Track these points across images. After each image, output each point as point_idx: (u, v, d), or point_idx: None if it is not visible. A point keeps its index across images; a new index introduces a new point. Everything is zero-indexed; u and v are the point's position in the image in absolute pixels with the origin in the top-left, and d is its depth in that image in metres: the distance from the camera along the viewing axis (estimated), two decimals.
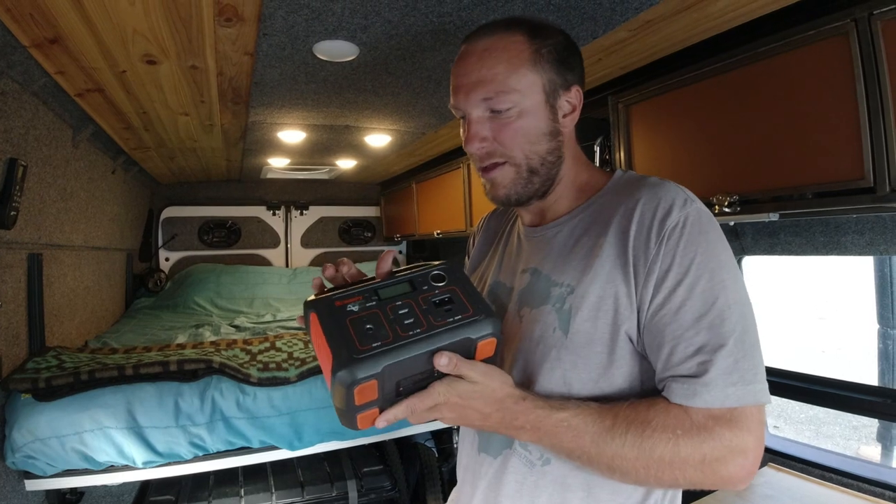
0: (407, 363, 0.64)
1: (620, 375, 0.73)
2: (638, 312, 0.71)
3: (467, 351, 0.67)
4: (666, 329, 0.69)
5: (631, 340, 0.72)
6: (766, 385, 0.67)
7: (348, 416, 0.65)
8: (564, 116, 0.82)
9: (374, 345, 0.63)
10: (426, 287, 0.70)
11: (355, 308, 0.66)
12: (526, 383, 0.77)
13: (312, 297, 0.70)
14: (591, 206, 0.82)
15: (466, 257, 1.10)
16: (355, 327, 0.64)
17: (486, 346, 0.68)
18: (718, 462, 0.64)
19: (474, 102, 0.79)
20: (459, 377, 0.67)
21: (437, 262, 0.75)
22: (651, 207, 0.72)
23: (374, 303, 0.67)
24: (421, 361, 0.65)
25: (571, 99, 0.83)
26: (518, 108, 0.78)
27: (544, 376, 0.76)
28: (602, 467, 0.68)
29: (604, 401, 0.71)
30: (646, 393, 0.72)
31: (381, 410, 0.67)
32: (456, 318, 0.67)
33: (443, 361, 0.65)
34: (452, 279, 0.71)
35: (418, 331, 0.65)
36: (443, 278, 0.71)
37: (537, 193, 0.84)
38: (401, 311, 0.66)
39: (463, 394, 0.67)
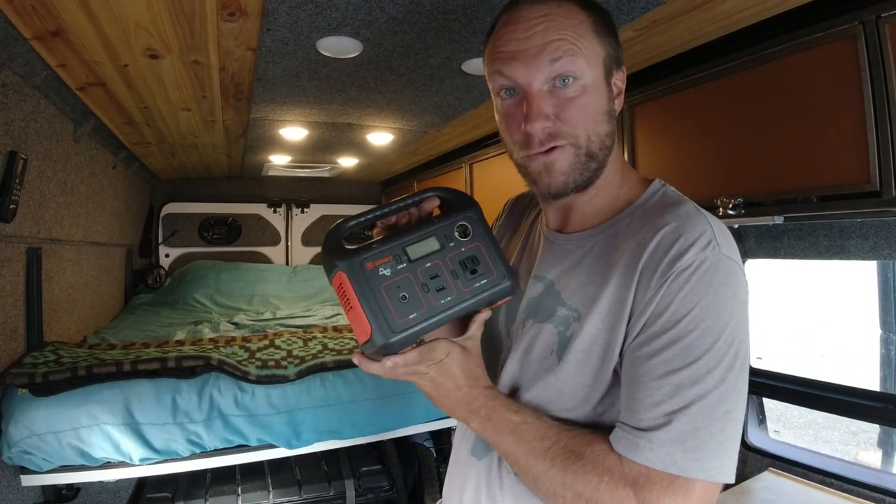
0: (436, 327, 0.68)
1: (600, 408, 0.71)
2: (623, 346, 0.68)
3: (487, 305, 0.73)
4: (635, 371, 0.65)
5: (617, 374, 0.69)
6: (729, 463, 0.61)
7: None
8: (617, 96, 0.76)
9: (411, 316, 0.65)
10: (452, 244, 0.71)
11: (387, 272, 0.67)
12: (513, 393, 0.78)
13: (336, 250, 0.68)
14: (617, 223, 0.75)
15: None
16: (390, 295, 0.66)
17: (502, 302, 0.75)
18: None
19: (539, 69, 0.69)
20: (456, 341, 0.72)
21: (459, 205, 0.76)
22: (669, 241, 0.65)
23: (404, 265, 0.68)
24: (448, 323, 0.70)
25: (620, 81, 0.76)
26: (582, 81, 0.70)
27: (531, 393, 0.75)
28: (529, 481, 0.69)
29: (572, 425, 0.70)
30: None
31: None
32: (482, 282, 0.70)
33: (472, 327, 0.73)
34: (476, 232, 0.73)
35: (449, 299, 0.68)
36: (467, 231, 0.73)
37: (590, 181, 0.76)
38: (431, 277, 0.68)
39: (453, 357, 0.70)
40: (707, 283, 0.63)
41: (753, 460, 1.70)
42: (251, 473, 2.22)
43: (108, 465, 1.74)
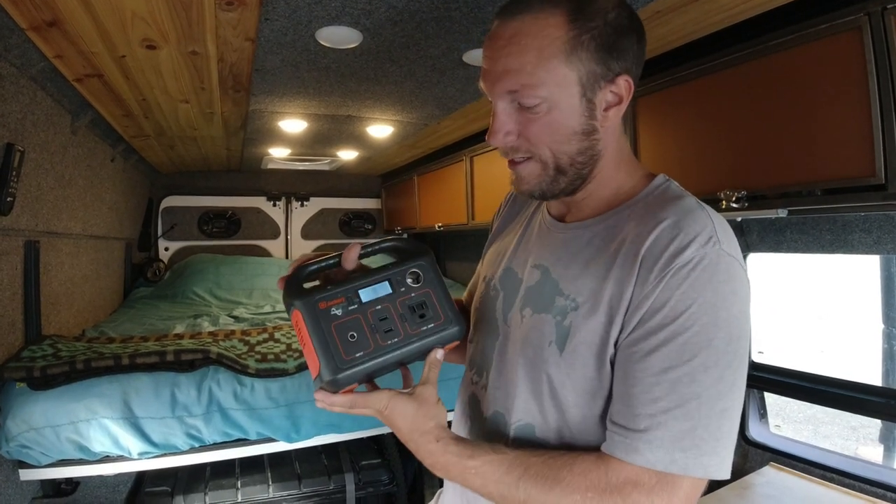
0: (383, 367, 0.72)
1: (603, 403, 0.70)
2: (618, 338, 0.67)
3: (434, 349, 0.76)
4: (630, 367, 0.64)
5: (613, 365, 0.69)
6: (728, 460, 0.61)
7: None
8: (607, 109, 0.72)
9: (357, 355, 0.69)
10: (403, 289, 0.75)
11: (339, 312, 0.71)
12: (519, 384, 0.77)
13: (295, 290, 0.73)
14: (617, 215, 0.75)
15: (490, 230, 1.05)
16: (340, 335, 0.70)
17: (449, 347, 0.77)
18: None
19: (500, 94, 0.71)
20: (405, 392, 0.73)
21: (413, 253, 0.79)
22: (669, 235, 0.65)
23: (355, 306, 0.72)
24: (394, 365, 0.74)
25: (618, 90, 0.72)
26: (547, 103, 0.69)
27: (536, 384, 0.75)
28: None
29: (578, 427, 0.71)
30: None
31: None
32: (429, 326, 0.74)
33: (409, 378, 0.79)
34: (427, 279, 0.77)
35: (395, 340, 0.72)
36: (419, 277, 0.77)
37: (565, 191, 0.76)
38: (381, 318, 0.72)
39: (394, 409, 0.71)
40: (706, 280, 0.62)
41: (754, 455, 1.70)
42: (251, 467, 2.22)
43: (106, 459, 1.73)
